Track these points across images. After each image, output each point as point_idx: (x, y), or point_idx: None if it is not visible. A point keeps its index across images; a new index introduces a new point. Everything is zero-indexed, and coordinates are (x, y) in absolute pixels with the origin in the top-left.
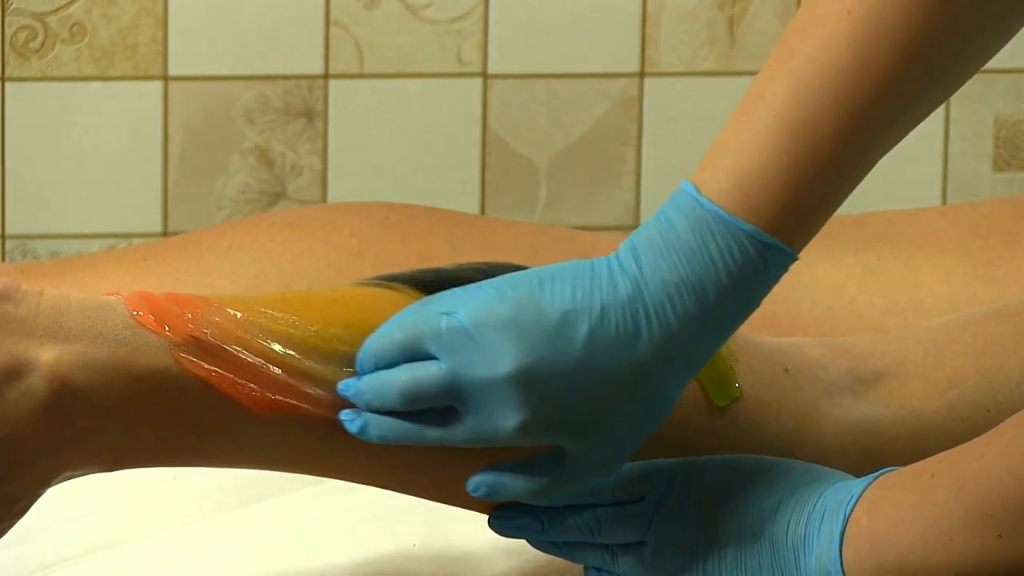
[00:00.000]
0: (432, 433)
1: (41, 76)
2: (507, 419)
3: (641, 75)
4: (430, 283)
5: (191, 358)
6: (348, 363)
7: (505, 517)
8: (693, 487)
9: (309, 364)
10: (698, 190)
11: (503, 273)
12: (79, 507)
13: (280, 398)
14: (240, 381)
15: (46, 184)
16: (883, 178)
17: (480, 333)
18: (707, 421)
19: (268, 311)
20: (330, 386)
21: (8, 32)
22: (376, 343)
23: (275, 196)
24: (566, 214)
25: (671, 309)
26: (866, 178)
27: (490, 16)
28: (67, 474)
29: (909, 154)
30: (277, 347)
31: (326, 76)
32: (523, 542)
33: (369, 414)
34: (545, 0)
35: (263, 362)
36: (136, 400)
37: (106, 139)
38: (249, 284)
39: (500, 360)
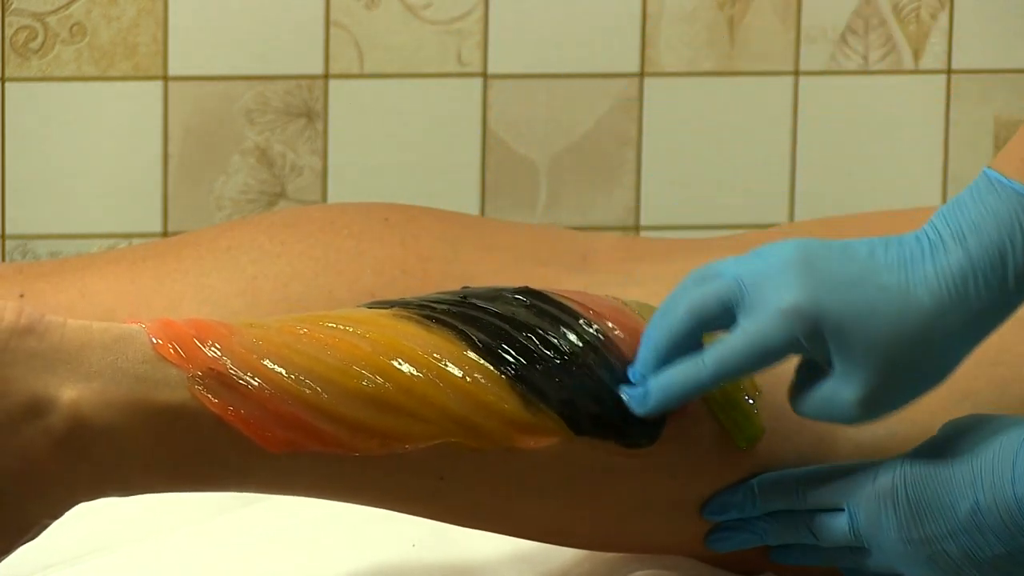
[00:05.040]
0: (709, 355)
1: (41, 76)
2: (781, 296)
3: (641, 75)
4: (442, 305)
5: (206, 394)
6: (369, 399)
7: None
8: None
9: (327, 399)
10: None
11: (513, 296)
12: (79, 507)
13: (293, 437)
14: (253, 419)
15: (46, 184)
16: (883, 178)
17: (768, 248)
18: (728, 457)
19: (292, 343)
20: (348, 422)
21: (8, 32)
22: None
23: (275, 196)
24: (566, 214)
25: (943, 251)
26: (866, 178)
27: (490, 16)
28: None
29: (909, 154)
30: (296, 379)
31: (326, 76)
32: (523, 544)
33: (650, 381)
34: (545, 0)
35: (281, 395)
36: (153, 435)
37: (106, 139)
38: (247, 285)
39: (782, 255)
